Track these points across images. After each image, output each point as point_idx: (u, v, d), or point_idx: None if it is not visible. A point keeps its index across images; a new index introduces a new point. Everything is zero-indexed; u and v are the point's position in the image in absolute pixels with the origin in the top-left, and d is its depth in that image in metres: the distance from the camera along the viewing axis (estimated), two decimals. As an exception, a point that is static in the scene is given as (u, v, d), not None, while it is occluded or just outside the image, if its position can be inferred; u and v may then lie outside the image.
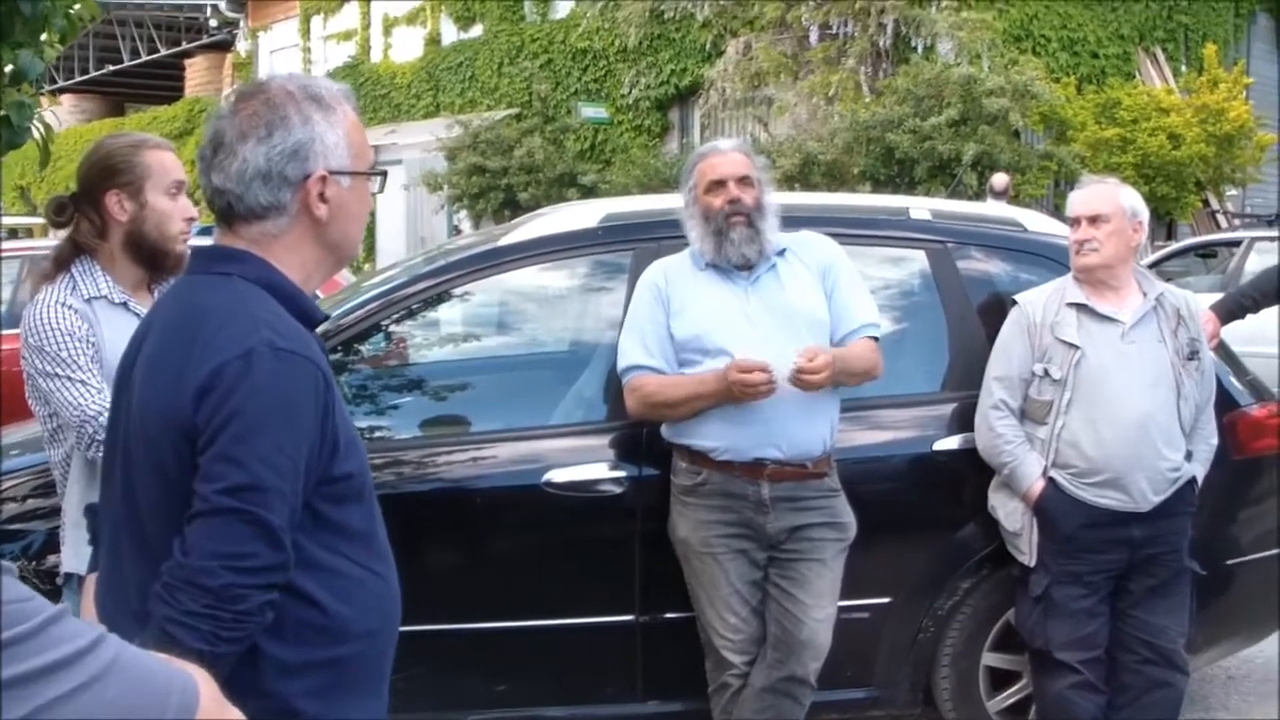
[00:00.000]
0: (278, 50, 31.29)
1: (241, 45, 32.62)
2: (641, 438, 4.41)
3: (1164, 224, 19.90)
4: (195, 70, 34.75)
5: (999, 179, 14.61)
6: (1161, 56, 21.88)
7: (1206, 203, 20.30)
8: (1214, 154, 18.39)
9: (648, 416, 4.28)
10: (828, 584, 4.19)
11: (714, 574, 4.17)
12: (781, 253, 4.24)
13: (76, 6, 4.38)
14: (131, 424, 2.19)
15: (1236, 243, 13.06)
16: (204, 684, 1.30)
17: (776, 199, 4.32)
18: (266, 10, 31.31)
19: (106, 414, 3.19)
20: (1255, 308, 5.13)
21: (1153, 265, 13.67)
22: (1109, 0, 20.99)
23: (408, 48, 27.39)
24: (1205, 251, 14.05)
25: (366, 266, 20.38)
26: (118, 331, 3.34)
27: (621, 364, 4.24)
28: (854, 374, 4.15)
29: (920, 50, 17.40)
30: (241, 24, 32.30)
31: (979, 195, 14.78)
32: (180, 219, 3.44)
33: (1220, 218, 20.32)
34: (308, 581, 2.09)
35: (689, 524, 4.20)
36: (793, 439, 4.09)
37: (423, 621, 2.36)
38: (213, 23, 32.59)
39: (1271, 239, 12.17)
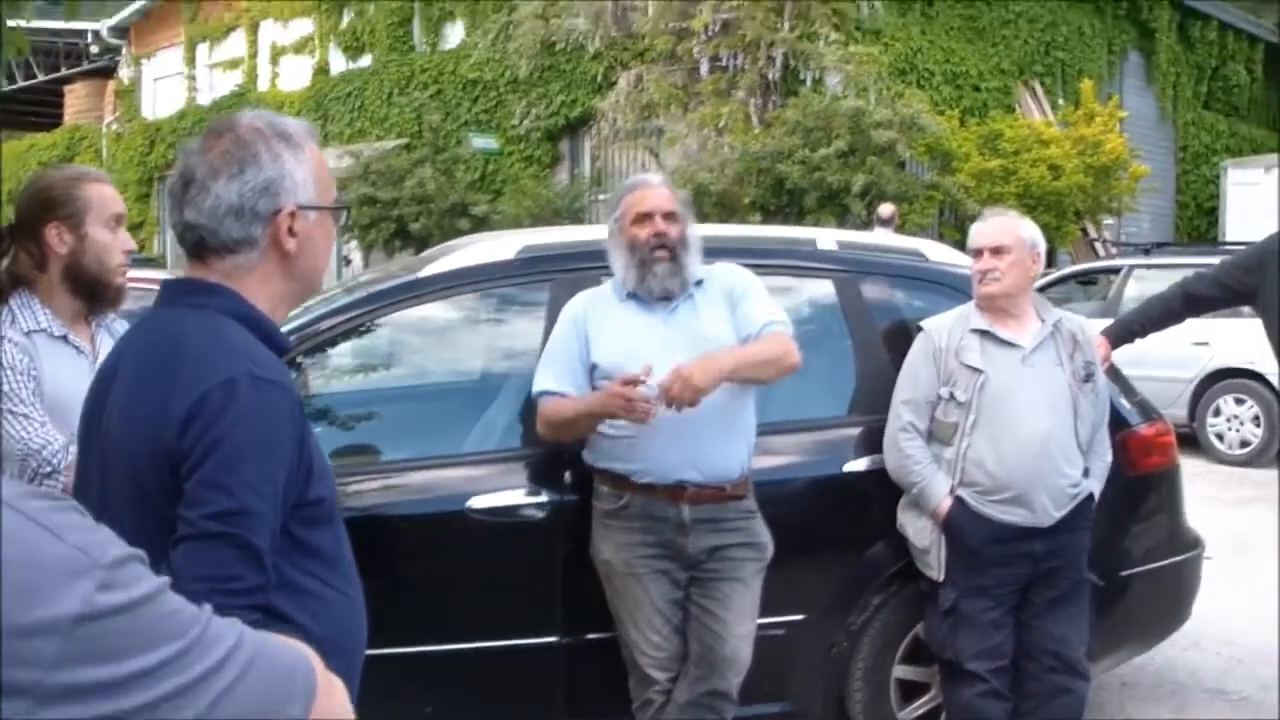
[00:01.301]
0: (161, 78, 31.00)
1: (124, 72, 32.22)
2: (562, 463, 4.50)
3: (1046, 253, 20.36)
4: (75, 97, 34.24)
5: (885, 208, 14.93)
6: (1040, 90, 22.50)
7: (1085, 231, 20.84)
8: (1092, 184, 18.90)
9: (552, 438, 4.38)
10: (747, 602, 4.32)
11: (636, 594, 4.29)
12: (699, 283, 4.36)
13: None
14: (109, 454, 2.26)
15: (1116, 270, 13.47)
16: (313, 657, 1.36)
17: (697, 232, 4.45)
18: (150, 37, 30.99)
19: (50, 448, 3.25)
20: (1143, 333, 5.37)
21: (1039, 291, 14.05)
22: (990, 36, 21.57)
23: (296, 77, 27.30)
24: (1086, 279, 14.45)
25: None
26: (59, 364, 3.39)
27: (534, 390, 4.35)
28: (761, 364, 4.18)
29: (809, 83, 17.71)
30: (124, 51, 31.92)
31: (867, 225, 15.08)
32: (120, 251, 3.48)
33: (1098, 246, 20.86)
34: (284, 602, 2.17)
35: (612, 546, 4.32)
36: (711, 462, 4.22)
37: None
38: (94, 49, 32.15)
39: (1148, 266, 12.58)
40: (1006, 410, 4.48)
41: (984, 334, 4.57)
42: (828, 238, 5.32)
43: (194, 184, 2.29)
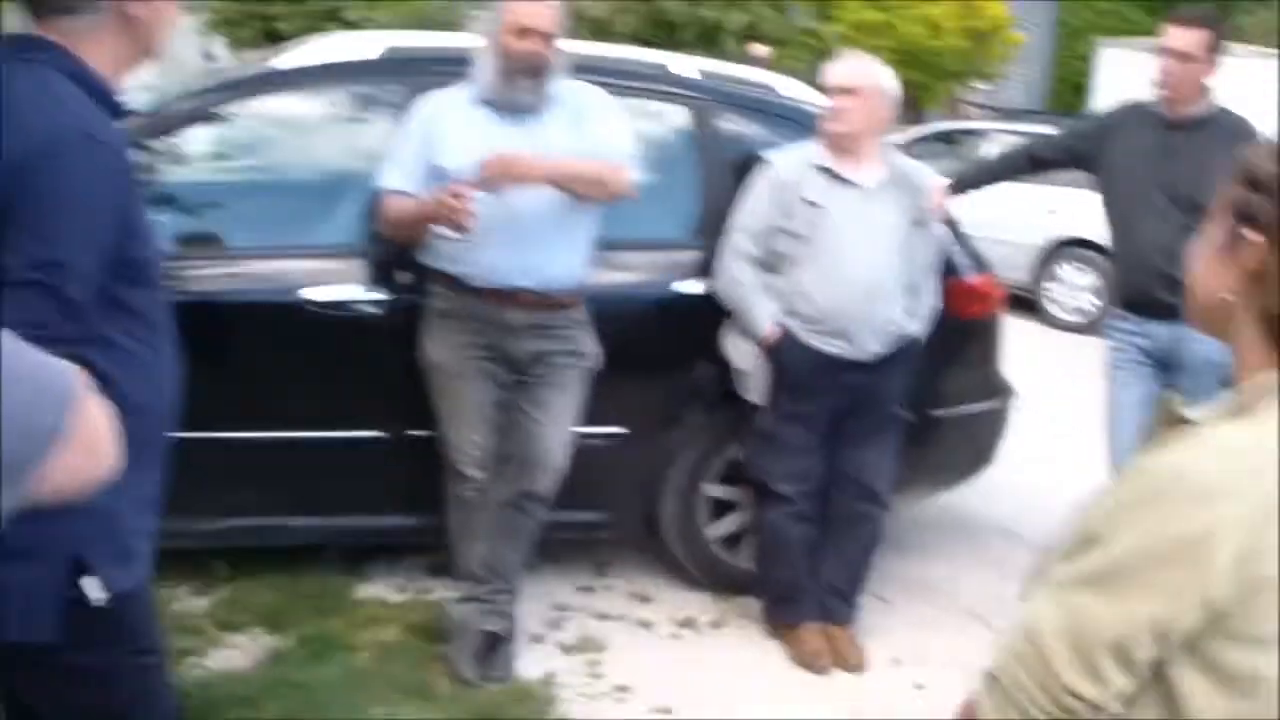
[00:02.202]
0: None
1: None
2: (401, 262, 4.57)
3: (913, 110, 20.58)
4: None
5: (758, 48, 14.97)
6: (931, -53, 22.45)
7: (955, 94, 21.07)
8: (968, 47, 19.05)
9: (391, 236, 4.43)
10: (566, 408, 4.47)
11: (460, 392, 4.40)
12: (552, 98, 4.38)
13: None
14: None
15: (978, 132, 13.68)
16: (78, 382, 1.40)
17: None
18: None
19: None
20: (980, 185, 5.50)
21: (900, 148, 14.24)
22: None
23: None
24: (949, 138, 14.64)
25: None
26: None
27: (381, 185, 4.37)
28: (590, 181, 4.27)
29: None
30: None
31: (740, 63, 15.09)
32: None
33: (965, 109, 21.09)
34: (98, 356, 2.20)
35: (440, 344, 4.41)
36: (545, 270, 4.31)
37: (179, 429, 2.51)
38: None
39: (1008, 132, 12.78)
40: (839, 247, 4.61)
41: (826, 171, 4.67)
42: (685, 64, 5.37)
43: None
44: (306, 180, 5.41)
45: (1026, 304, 12.27)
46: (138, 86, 6.35)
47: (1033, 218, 12.13)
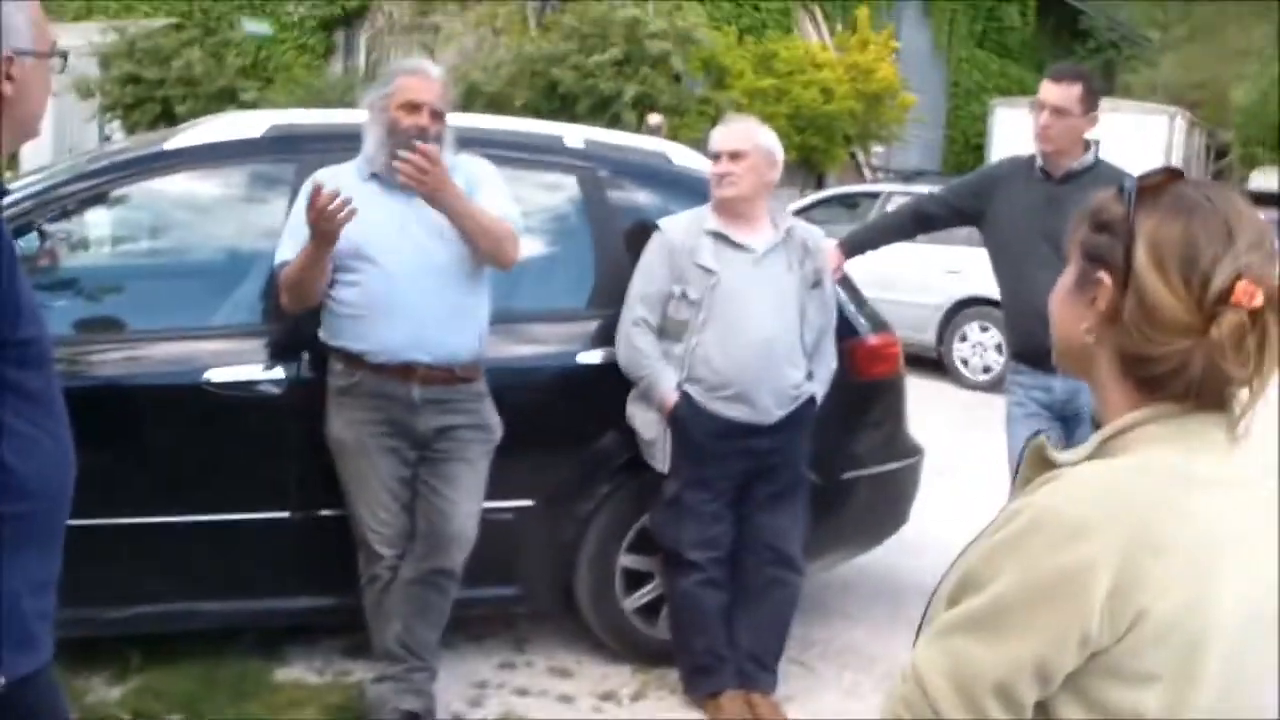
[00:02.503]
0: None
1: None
2: (300, 341, 4.53)
3: (814, 174, 20.84)
4: None
5: (654, 118, 15.12)
6: (820, 15, 22.81)
7: (854, 156, 21.36)
8: (862, 110, 19.33)
9: (293, 305, 4.38)
10: (473, 482, 4.44)
11: (365, 470, 4.38)
12: None
13: None
14: None
15: (876, 194, 13.86)
16: None
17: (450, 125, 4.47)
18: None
19: None
20: (874, 245, 5.55)
21: (800, 211, 14.38)
22: (770, -45, 21.78)
23: (61, -54, 26.11)
24: (848, 201, 14.81)
25: (8, 174, 19.53)
26: None
27: (275, 262, 4.37)
28: (485, 230, 4.27)
29: (588, -11, 17.70)
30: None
31: (638, 135, 15.20)
32: None
33: (865, 171, 21.40)
34: None
35: (343, 422, 4.39)
36: (441, 344, 4.31)
37: (79, 516, 2.45)
38: None
39: (906, 194, 12.95)
40: (735, 311, 4.63)
41: (718, 236, 4.70)
42: (575, 134, 5.40)
43: None
44: (201, 260, 5.38)
45: (935, 364, 12.41)
46: (32, 170, 6.32)
47: (935, 278, 12.32)
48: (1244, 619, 1.56)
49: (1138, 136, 17.63)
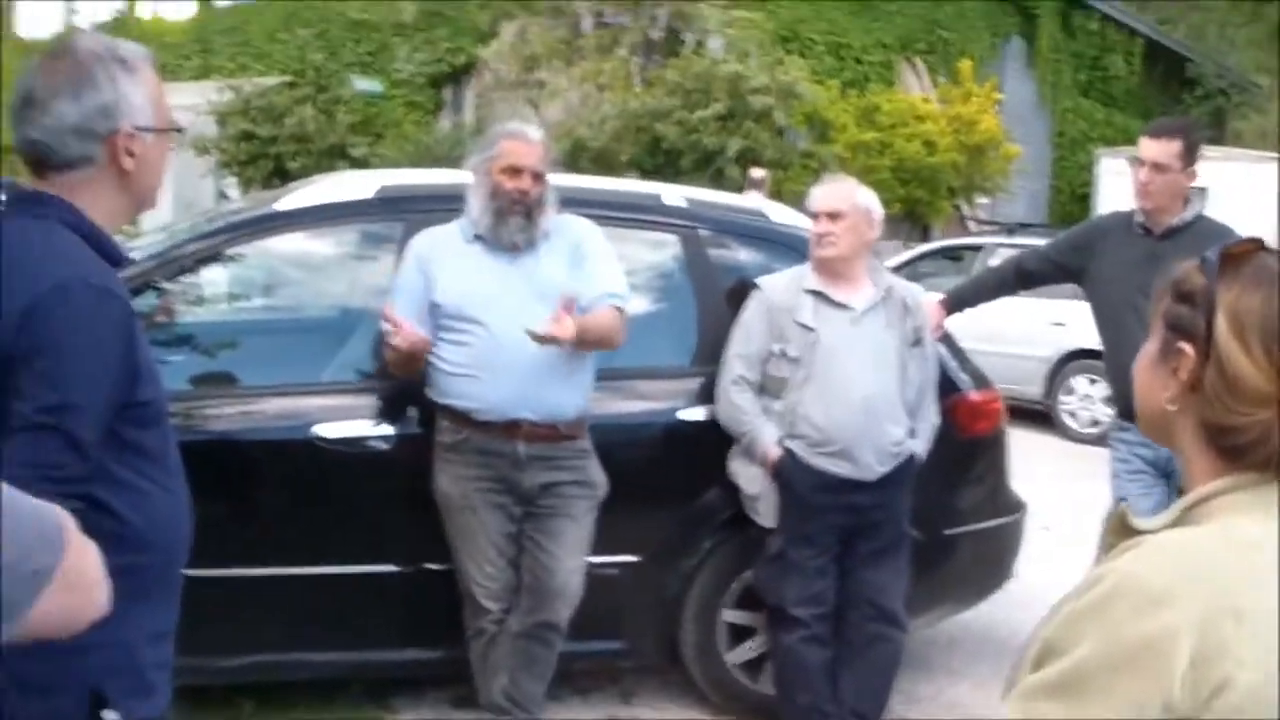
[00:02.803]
0: None
1: (-1, -7, 31.40)
2: (408, 397, 4.63)
3: (919, 227, 20.78)
4: (-50, 16, 33.35)
5: (756, 172, 15.14)
6: (922, 67, 22.81)
7: (959, 209, 21.24)
8: (964, 162, 19.25)
9: (398, 373, 4.52)
10: (578, 538, 4.51)
11: (472, 526, 4.46)
12: (545, 233, 4.50)
13: None
14: None
15: (979, 247, 13.82)
16: (69, 525, 1.49)
17: (554, 186, 4.57)
18: (30, -42, 30.20)
19: None
20: (975, 302, 5.57)
21: (904, 264, 14.37)
22: (875, 10, 21.84)
23: (179, 7, 26.84)
24: (952, 254, 14.77)
25: (129, 228, 20.04)
26: None
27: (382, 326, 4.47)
28: (592, 339, 4.39)
29: (691, 45, 17.82)
30: (2, -29, 31.09)
31: (741, 189, 15.27)
32: None
33: (970, 224, 21.27)
34: (108, 495, 2.31)
35: (450, 479, 4.48)
36: (545, 403, 4.39)
37: (193, 567, 2.56)
38: (-32, -35, 31.30)
39: (1009, 246, 12.91)
40: (835, 368, 4.67)
41: (817, 294, 4.75)
42: (675, 194, 5.49)
43: (35, 104, 2.39)
44: (312, 317, 5.54)
45: (1043, 417, 12.30)
46: (154, 229, 6.51)
47: (1041, 331, 12.27)
48: None
49: (1248, 184, 17.35)
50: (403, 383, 4.61)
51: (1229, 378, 1.60)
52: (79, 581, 1.49)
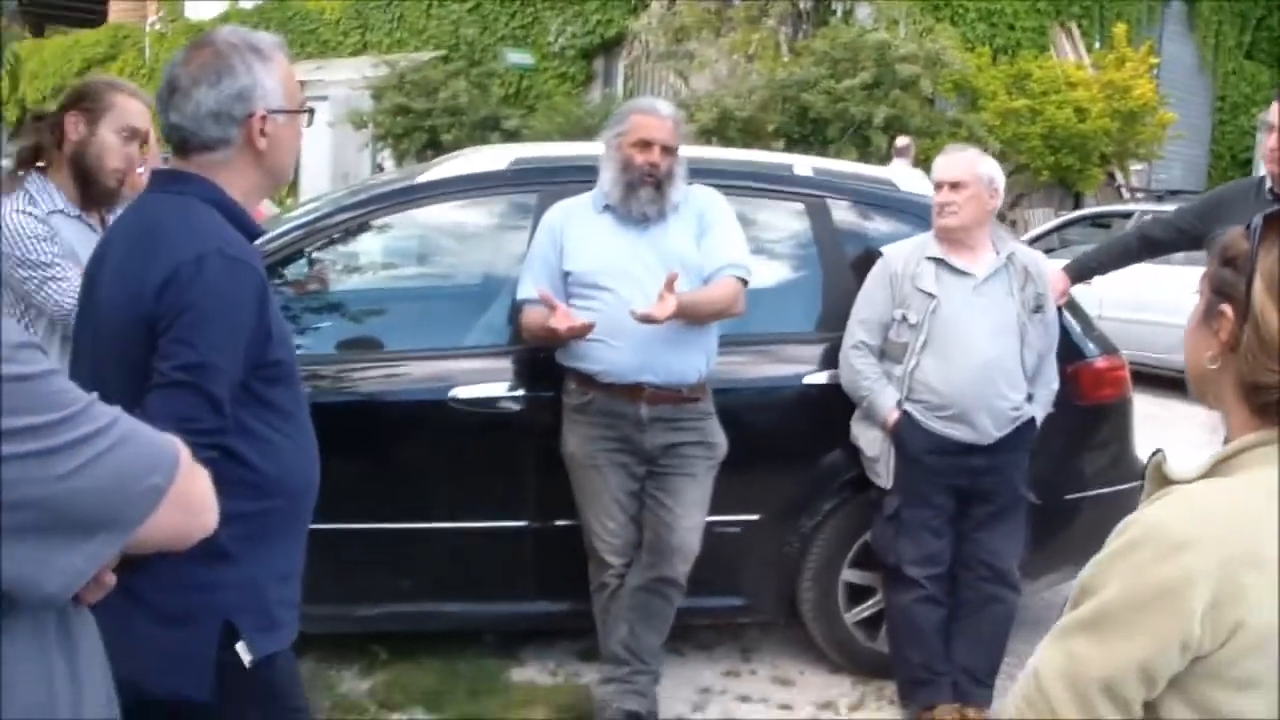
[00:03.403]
0: (205, -20, 31.11)
1: (169, -28, 32.39)
2: (538, 361, 4.83)
3: (1071, 194, 20.53)
4: (120, -5, 34.46)
5: (902, 140, 15.17)
6: (1077, 32, 22.45)
7: (1112, 176, 20.94)
8: (1117, 129, 18.96)
9: (532, 341, 4.73)
10: (697, 497, 4.68)
11: (596, 484, 4.65)
12: (674, 205, 4.66)
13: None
14: (100, 318, 2.63)
15: (1129, 214, 13.65)
16: (183, 453, 1.70)
17: (684, 160, 4.70)
18: (196, -61, 31.11)
19: None
20: (1101, 271, 5.60)
21: (1052, 231, 14.26)
22: (1028, -26, 21.54)
23: (337, -15, 27.44)
24: (1100, 221, 14.63)
25: (289, 200, 20.62)
26: (76, 241, 3.77)
27: (516, 297, 4.72)
28: (706, 312, 4.56)
29: (839, 14, 17.83)
30: (170, -49, 32.07)
31: (888, 157, 15.28)
32: (120, 158, 3.85)
33: (1124, 191, 20.96)
34: (241, 445, 2.53)
35: (576, 439, 4.67)
36: (668, 367, 4.56)
37: (333, 520, 2.79)
38: (140, -51, 32.32)
39: (1159, 212, 12.74)
40: (955, 334, 4.77)
41: (939, 262, 4.84)
42: (804, 164, 5.61)
43: (179, 91, 2.63)
44: (450, 284, 5.78)
45: (1182, 385, 12.15)
46: (308, 199, 6.78)
47: (1188, 299, 12.02)
48: None
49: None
50: (533, 348, 4.81)
51: (1263, 337, 1.71)
52: (188, 502, 1.69)
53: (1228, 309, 1.77)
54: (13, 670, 1.55)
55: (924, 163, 15.30)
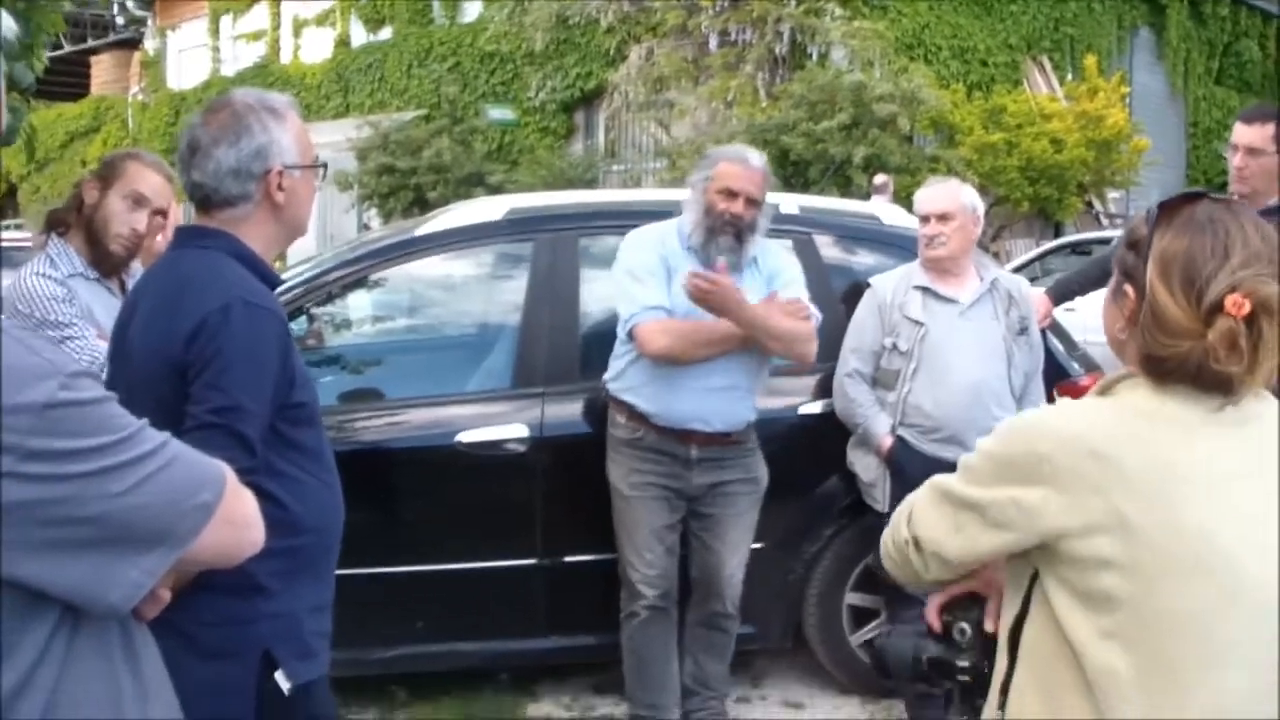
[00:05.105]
0: (186, 49, 31.39)
1: (149, 43, 32.65)
2: (540, 402, 4.98)
3: (1051, 224, 20.76)
4: (102, 68, 34.70)
5: (880, 178, 15.40)
6: (1048, 65, 22.75)
7: (1090, 204, 21.17)
8: (1093, 158, 19.20)
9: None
10: (742, 533, 4.84)
11: (637, 515, 4.74)
12: (752, 258, 4.72)
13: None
14: (132, 367, 2.77)
15: (1107, 241, 13.83)
16: (229, 474, 1.83)
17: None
18: (175, 9, 31.38)
19: (101, 359, 3.71)
20: (1081, 292, 5.72)
21: (1032, 261, 14.44)
22: (998, 12, 21.86)
23: (317, 49, 27.71)
24: (1080, 249, 14.82)
25: (278, 264, 20.72)
26: (95, 301, 3.91)
27: (634, 308, 4.55)
28: (773, 335, 4.50)
29: (815, 57, 18.06)
30: (149, 22, 32.33)
31: (869, 195, 15.46)
32: (125, 224, 3.96)
33: (1102, 219, 21.19)
34: (272, 485, 2.65)
35: (621, 470, 4.76)
36: (720, 414, 4.67)
37: (351, 565, 2.92)
38: (120, 20, 32.58)
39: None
40: (943, 359, 4.92)
41: (926, 290, 5.01)
42: (790, 202, 5.76)
43: (199, 151, 2.81)
44: (451, 333, 5.92)
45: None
46: (298, 260, 6.94)
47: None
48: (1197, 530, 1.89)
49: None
50: (537, 391, 4.96)
51: (1156, 314, 1.93)
52: (236, 519, 1.81)
53: (1129, 289, 2.00)
54: (84, 689, 1.66)
55: (904, 199, 15.52)
